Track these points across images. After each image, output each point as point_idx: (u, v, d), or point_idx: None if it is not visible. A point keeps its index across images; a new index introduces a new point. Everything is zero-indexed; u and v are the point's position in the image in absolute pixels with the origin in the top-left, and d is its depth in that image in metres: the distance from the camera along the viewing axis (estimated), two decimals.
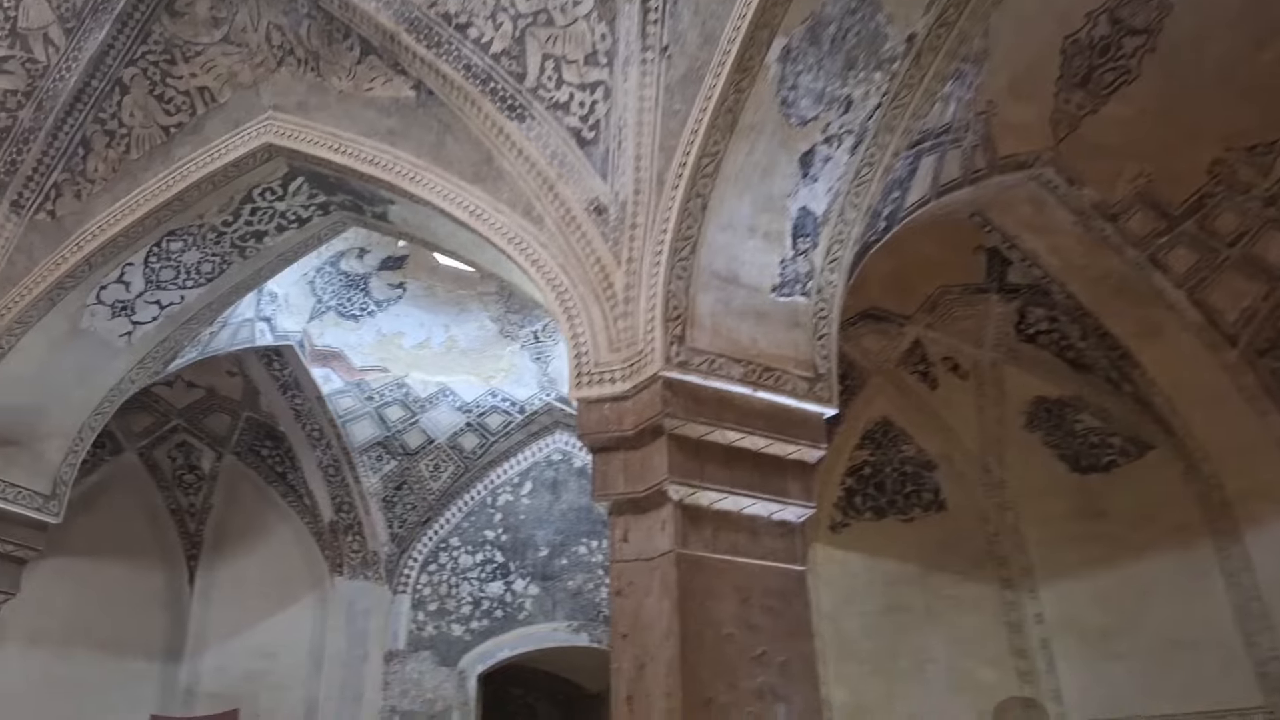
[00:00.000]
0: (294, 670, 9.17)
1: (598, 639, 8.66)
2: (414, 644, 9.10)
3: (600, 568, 8.94)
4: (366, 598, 9.29)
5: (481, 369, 9.45)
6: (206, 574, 9.79)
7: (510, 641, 8.89)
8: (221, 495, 9.74)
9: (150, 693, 9.20)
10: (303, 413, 8.86)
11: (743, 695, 3.52)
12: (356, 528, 9.34)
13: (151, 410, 9.23)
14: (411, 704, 8.84)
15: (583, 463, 9.40)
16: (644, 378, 3.87)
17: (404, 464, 9.35)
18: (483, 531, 9.44)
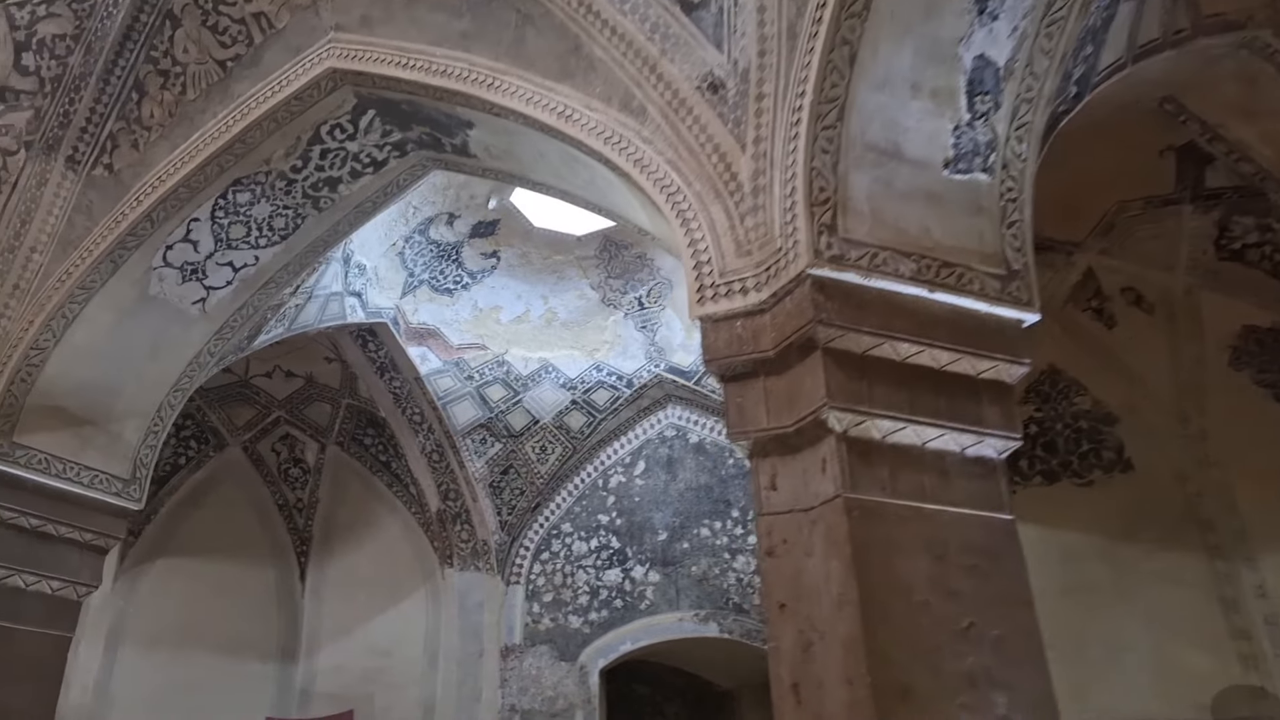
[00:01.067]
0: (409, 668, 8.72)
1: (728, 629, 7.83)
2: (530, 638, 8.50)
3: (726, 551, 8.11)
4: (479, 590, 8.75)
5: (584, 342, 8.77)
6: (317, 570, 9.48)
7: (632, 633, 8.17)
8: (327, 488, 9.40)
9: (266, 694, 8.92)
10: (402, 396, 8.38)
11: (949, 681, 2.64)
12: (464, 516, 8.81)
13: (253, 402, 8.96)
14: (531, 702, 8.23)
15: (699, 438, 8.60)
16: (786, 281, 3.03)
17: (509, 447, 8.76)
18: (596, 516, 8.76)
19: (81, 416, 4.82)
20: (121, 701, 8.29)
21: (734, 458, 8.38)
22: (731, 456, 8.39)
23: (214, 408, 8.87)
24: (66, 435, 4.75)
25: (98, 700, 8.20)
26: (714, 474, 8.42)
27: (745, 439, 3.16)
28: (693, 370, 8.49)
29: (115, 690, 8.32)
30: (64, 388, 4.73)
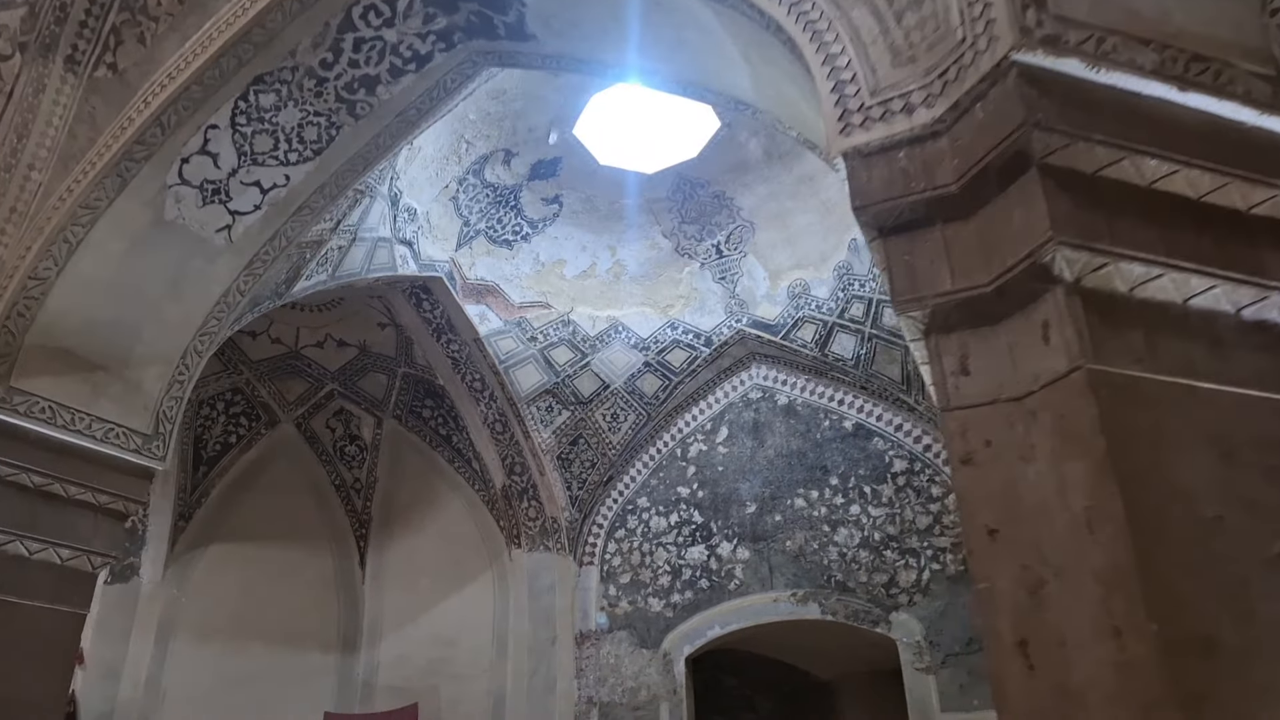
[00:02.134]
0: (477, 658, 8.02)
1: (831, 610, 6.93)
2: (608, 623, 7.72)
3: (825, 523, 7.20)
4: (549, 571, 8.01)
5: (656, 298, 7.96)
6: (377, 554, 8.86)
7: (721, 617, 7.32)
8: (386, 466, 8.78)
9: (326, 688, 8.33)
10: (461, 360, 7.68)
11: (1267, 630, 1.75)
12: (531, 492, 8.08)
13: (304, 375, 8.38)
14: (611, 693, 7.44)
15: (789, 399, 7.71)
16: (975, 81, 2.16)
17: (578, 415, 8.00)
18: (675, 489, 7.93)
19: (92, 360, 4.18)
20: (174, 695, 7.77)
21: (829, 419, 7.47)
22: (827, 418, 7.49)
23: (264, 381, 8.31)
24: (75, 381, 4.11)
25: (149, 694, 7.69)
26: (807, 438, 7.53)
27: (918, 309, 2.28)
28: (779, 324, 7.60)
29: (168, 684, 7.80)
30: (70, 326, 4.10)
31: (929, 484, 6.92)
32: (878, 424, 7.26)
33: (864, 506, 7.11)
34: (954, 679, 6.36)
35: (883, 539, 6.95)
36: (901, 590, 6.76)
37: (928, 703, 6.39)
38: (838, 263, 7.16)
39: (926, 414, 6.98)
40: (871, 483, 7.15)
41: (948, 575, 6.64)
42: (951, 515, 6.75)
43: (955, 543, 6.68)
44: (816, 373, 7.57)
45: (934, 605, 6.61)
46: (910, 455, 7.05)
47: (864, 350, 7.17)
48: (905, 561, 6.81)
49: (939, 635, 6.51)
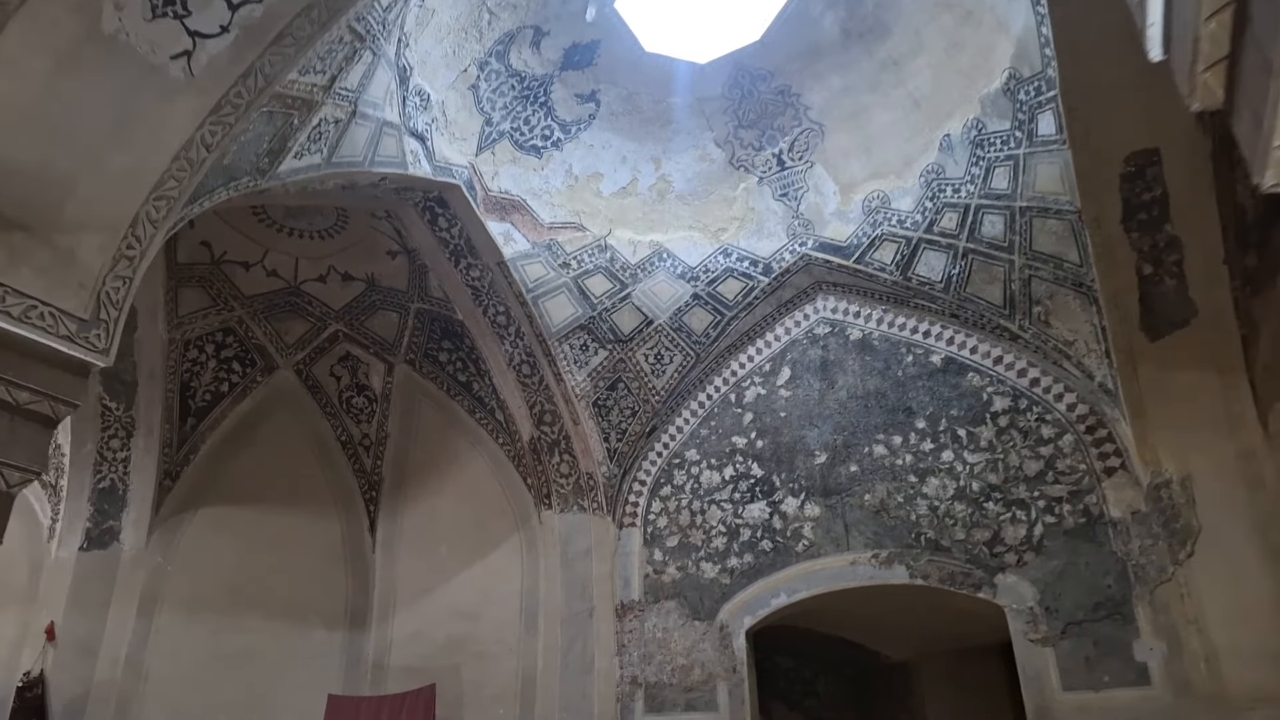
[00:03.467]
0: (502, 634, 7.02)
1: (921, 573, 5.86)
2: (653, 592, 6.69)
3: (912, 473, 6.13)
4: (585, 534, 6.98)
5: (707, 219, 6.91)
6: (389, 519, 7.87)
7: (787, 583, 6.27)
8: (398, 419, 7.78)
9: (332, 668, 7.35)
10: (482, 290, 6.65)
11: None
12: (564, 444, 7.05)
13: (305, 314, 7.38)
14: (658, 672, 6.41)
15: (863, 332, 6.64)
16: None
17: (616, 355, 6.96)
18: (729, 439, 6.88)
19: (7, 215, 3.17)
20: (158, 676, 6.80)
21: (912, 354, 6.40)
22: (910, 353, 6.41)
23: (259, 320, 7.32)
24: None
25: (129, 675, 6.72)
26: (886, 377, 6.46)
27: None
28: (852, 245, 6.54)
29: (151, 663, 6.83)
30: None
31: (1038, 424, 5.84)
32: (972, 357, 6.18)
33: (958, 452, 6.04)
34: (1077, 651, 5.29)
35: (983, 489, 5.88)
36: (1008, 548, 5.68)
37: (1045, 680, 5.32)
38: (926, 166, 6.09)
39: (1034, 343, 5.89)
40: (966, 425, 6.07)
41: (1065, 529, 5.56)
42: (1067, 459, 5.67)
43: (1073, 490, 5.60)
44: (896, 301, 6.50)
45: (1049, 565, 5.53)
46: (1013, 391, 5.97)
47: (956, 270, 6.09)
48: (1012, 515, 5.74)
49: (1057, 600, 5.44)
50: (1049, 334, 5.80)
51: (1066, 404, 5.78)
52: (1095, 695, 5.18)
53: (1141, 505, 5.38)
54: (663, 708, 6.33)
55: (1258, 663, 4.81)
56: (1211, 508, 5.15)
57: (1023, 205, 5.52)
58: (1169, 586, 5.16)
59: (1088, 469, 5.61)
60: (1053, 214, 5.37)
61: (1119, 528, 5.40)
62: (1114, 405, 5.57)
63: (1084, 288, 5.45)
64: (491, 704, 6.84)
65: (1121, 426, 5.54)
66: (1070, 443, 5.71)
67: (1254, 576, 4.93)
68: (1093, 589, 5.37)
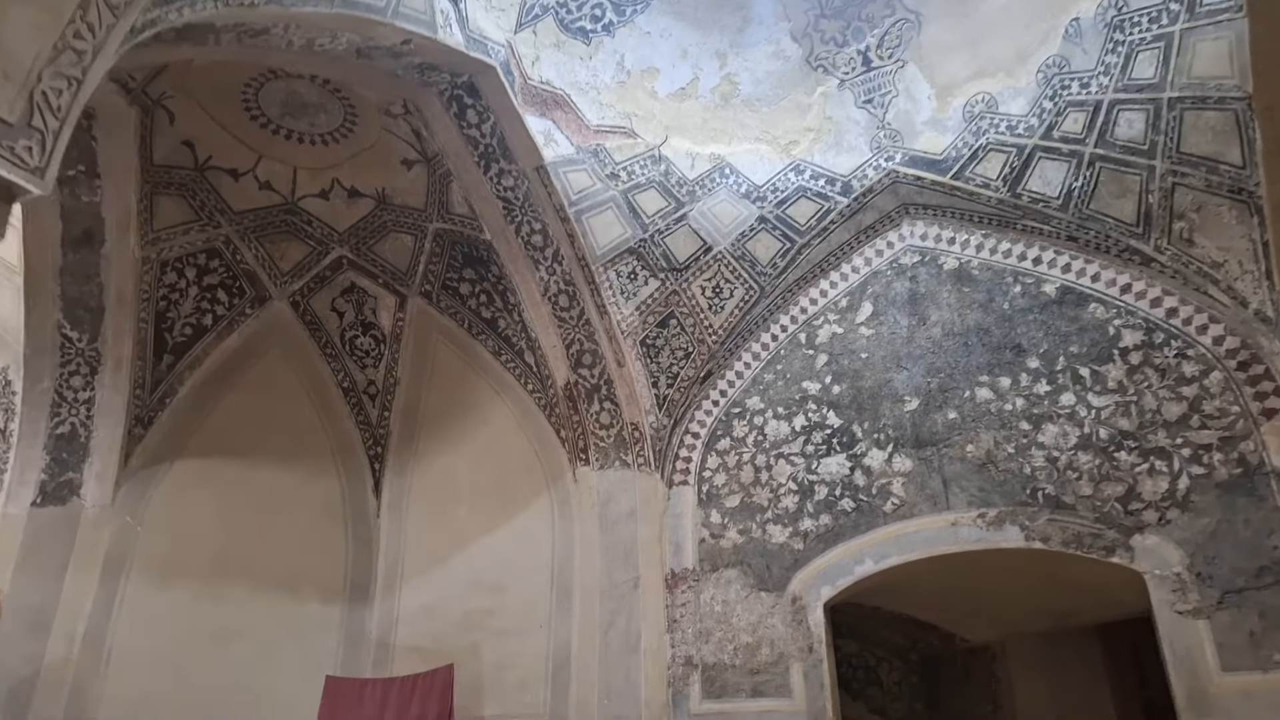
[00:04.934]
0: (531, 608, 6.06)
1: (1040, 534, 4.98)
2: (710, 559, 5.76)
3: (1024, 419, 5.24)
4: (628, 493, 6.04)
5: (778, 129, 5.98)
6: (397, 477, 6.88)
7: (874, 548, 5.36)
8: (410, 362, 6.79)
9: (328, 646, 6.36)
10: (516, 202, 5.68)
11: None
12: (605, 390, 6.10)
13: (302, 235, 6.37)
14: (718, 651, 5.48)
15: (960, 261, 5.74)
16: None
17: (669, 286, 6.01)
18: (800, 384, 5.96)
19: None
20: (123, 654, 5.77)
21: (1020, 284, 5.51)
22: (1018, 283, 5.52)
23: (249, 242, 6.29)
24: None
25: (88, 653, 5.68)
26: (990, 310, 5.56)
27: None
28: (950, 158, 5.64)
29: (115, 639, 5.80)
30: None
31: (1178, 360, 4.97)
32: (1094, 285, 5.30)
33: (1081, 395, 5.15)
34: (1239, 625, 4.43)
35: (1112, 437, 5.00)
36: (1147, 505, 4.81)
37: (1198, 660, 4.45)
38: (1045, 60, 5.20)
39: (1171, 266, 5.02)
40: (1090, 363, 5.19)
41: (1216, 482, 4.69)
42: (1215, 400, 4.81)
43: (1225, 437, 4.74)
44: (1000, 224, 5.60)
45: (1199, 523, 4.66)
46: (1147, 324, 5.10)
47: (1079, 182, 5.21)
48: (1150, 465, 4.86)
49: (1211, 564, 4.57)
50: (1192, 255, 4.93)
51: (1212, 336, 4.91)
52: (1263, 677, 4.32)
53: None
54: (724, 692, 5.41)
55: None
56: None
57: (1173, 96, 4.65)
58: None
59: (1242, 411, 4.75)
60: (1213, 104, 4.50)
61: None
62: (1273, 336, 4.71)
63: (1244, 194, 4.59)
64: (517, 689, 5.88)
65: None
66: (1219, 381, 4.84)
67: None
68: (1255, 551, 4.51)
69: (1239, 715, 4.30)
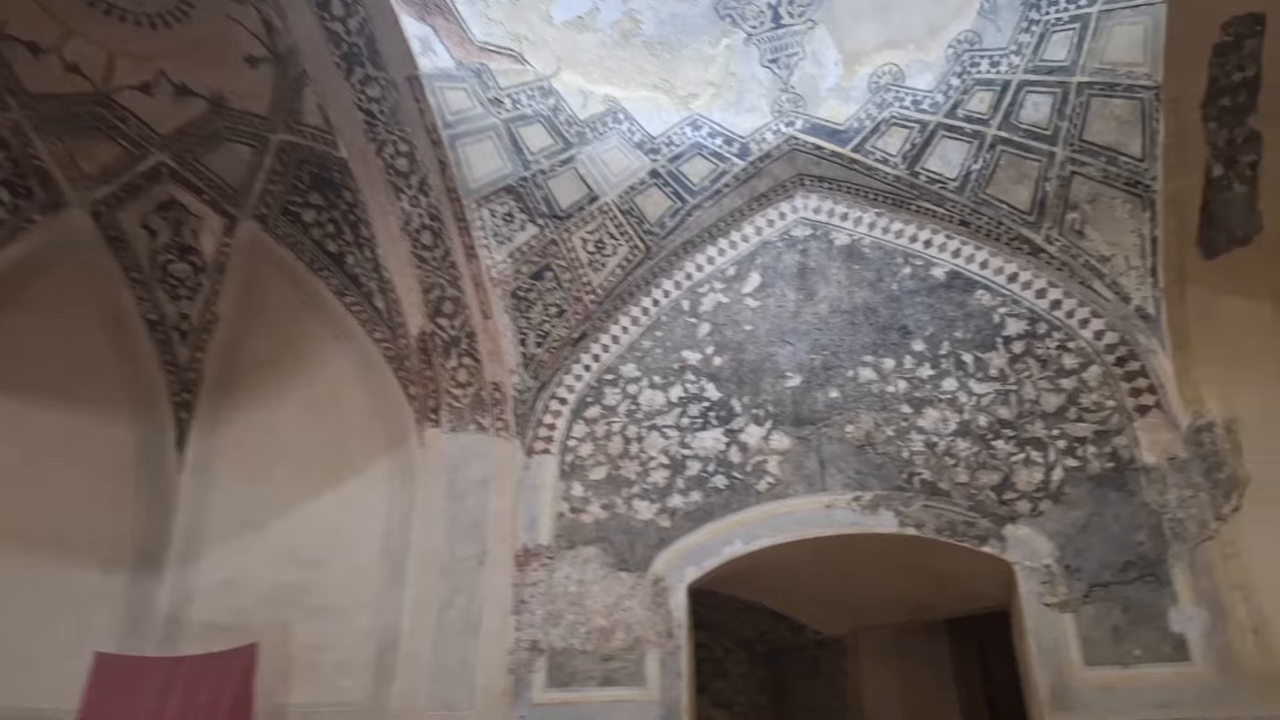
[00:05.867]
0: (357, 583, 5.32)
1: (914, 520, 4.79)
2: (568, 535, 5.24)
3: (905, 402, 5.06)
4: (482, 460, 5.43)
5: (677, 79, 5.59)
6: (207, 430, 5.93)
7: (745, 528, 5.01)
8: (234, 297, 5.87)
9: (105, 621, 5.36)
10: (381, 117, 4.96)
11: None
12: (467, 343, 5.46)
13: (114, 134, 5.36)
14: (568, 635, 4.97)
15: (852, 238, 5.53)
16: None
17: (549, 235, 5.47)
18: (679, 353, 5.56)
19: None
20: None
21: (911, 265, 5.35)
22: (908, 264, 5.36)
23: (45, 134, 5.22)
24: None
25: None
26: (878, 290, 5.37)
27: None
28: (851, 129, 5.42)
29: None
30: None
31: (1059, 352, 4.93)
32: (982, 272, 5.21)
33: (963, 381, 5.03)
34: (1104, 619, 4.38)
35: (991, 425, 4.90)
36: (1021, 495, 4.72)
37: (1063, 652, 4.37)
38: (958, 35, 5.07)
39: (1060, 258, 4.99)
40: (974, 350, 5.08)
41: (1089, 475, 4.66)
42: (1093, 394, 4.79)
43: (1100, 431, 4.72)
44: (895, 203, 5.44)
45: (1070, 516, 4.61)
46: (1031, 314, 5.04)
47: (979, 165, 5.10)
48: (1026, 456, 4.78)
49: (1079, 557, 4.52)
50: (1081, 247, 4.91)
51: (1094, 330, 4.91)
52: (1124, 671, 4.28)
53: (1180, 450, 4.56)
54: (572, 680, 4.89)
55: None
56: (1261, 456, 4.40)
57: (1082, 81, 4.59)
58: (1211, 545, 4.35)
59: (1117, 406, 4.75)
60: (1121, 91, 4.46)
61: (1153, 475, 4.56)
62: (1151, 334, 4.75)
63: (1139, 188, 4.58)
64: (334, 674, 5.13)
65: (1158, 359, 4.72)
66: (1097, 375, 4.84)
67: None
68: (1122, 546, 4.49)
69: (1099, 709, 4.24)
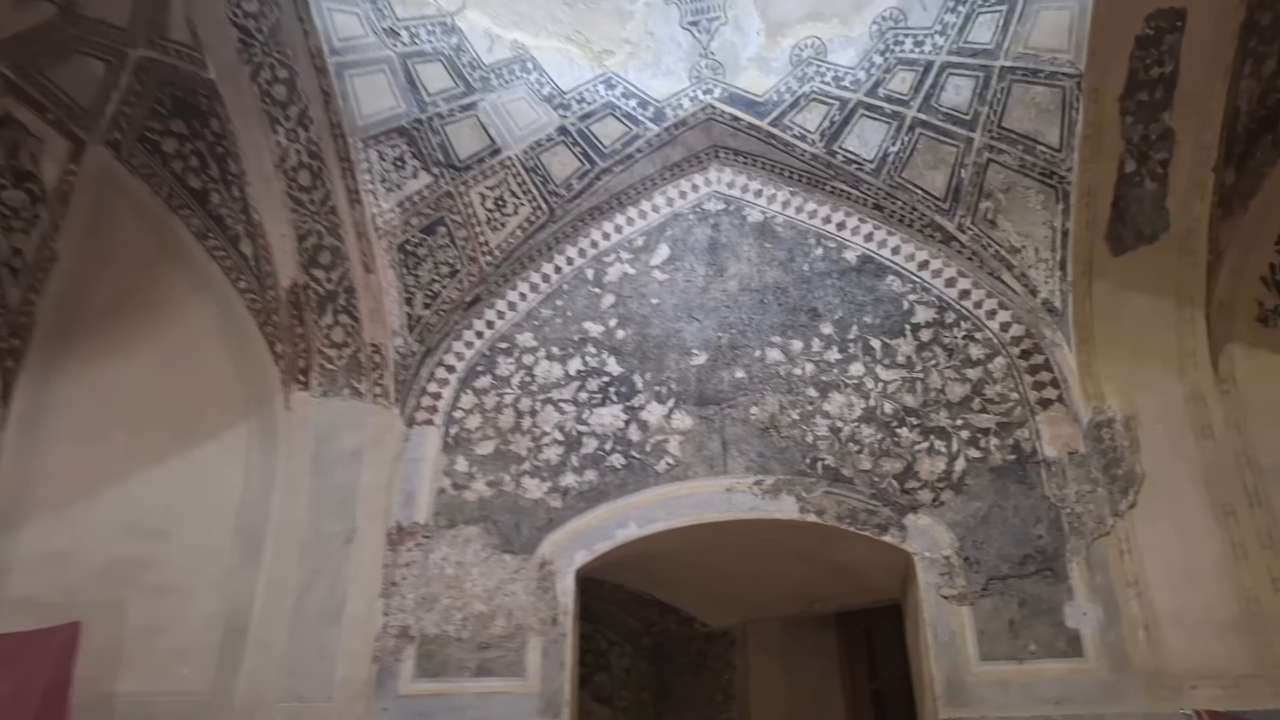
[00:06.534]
0: (201, 562, 4.74)
1: (816, 507, 4.59)
2: (448, 513, 4.81)
3: (812, 386, 4.87)
4: (356, 430, 4.94)
5: (592, 33, 5.25)
6: (37, 384, 5.19)
7: (641, 509, 4.71)
8: (78, 234, 5.16)
9: None
10: (258, 36, 4.42)
11: None
12: (345, 299, 4.96)
13: None
14: (442, 623, 4.54)
15: (765, 215, 5.32)
16: None
17: (444, 186, 5.02)
18: (580, 324, 5.22)
19: None
20: None
21: (823, 247, 5.18)
22: (820, 245, 5.19)
23: None
24: None
25: None
26: (789, 270, 5.17)
27: None
28: (770, 102, 5.21)
29: None
30: None
31: (966, 342, 4.84)
32: (893, 258, 5.08)
33: (870, 366, 4.88)
34: (1000, 613, 4.29)
35: (896, 412, 4.76)
36: (923, 484, 4.59)
37: (959, 645, 4.25)
38: (883, 11, 4.92)
39: (970, 247, 4.91)
40: (882, 335, 4.94)
41: (991, 466, 4.58)
42: (997, 385, 4.72)
43: (1002, 422, 4.65)
44: (810, 182, 5.26)
45: (971, 507, 4.51)
46: (940, 302, 4.94)
47: (897, 147, 4.97)
48: (929, 444, 4.66)
49: (978, 549, 4.42)
50: (992, 237, 4.84)
51: (1000, 322, 4.84)
52: (1018, 667, 4.19)
53: (1080, 445, 4.53)
54: (444, 670, 4.46)
55: (1203, 633, 4.06)
56: (1157, 454, 4.40)
57: (1005, 65, 4.50)
58: (1107, 541, 4.33)
59: (1020, 399, 4.69)
60: (1043, 78, 4.39)
61: (1053, 469, 4.51)
62: (1056, 328, 4.71)
63: (1054, 179, 4.53)
64: (172, 660, 4.53)
65: (1062, 353, 4.69)
66: (1002, 367, 4.77)
67: (1201, 535, 4.22)
68: (1021, 539, 4.41)
69: (993, 705, 4.13)
